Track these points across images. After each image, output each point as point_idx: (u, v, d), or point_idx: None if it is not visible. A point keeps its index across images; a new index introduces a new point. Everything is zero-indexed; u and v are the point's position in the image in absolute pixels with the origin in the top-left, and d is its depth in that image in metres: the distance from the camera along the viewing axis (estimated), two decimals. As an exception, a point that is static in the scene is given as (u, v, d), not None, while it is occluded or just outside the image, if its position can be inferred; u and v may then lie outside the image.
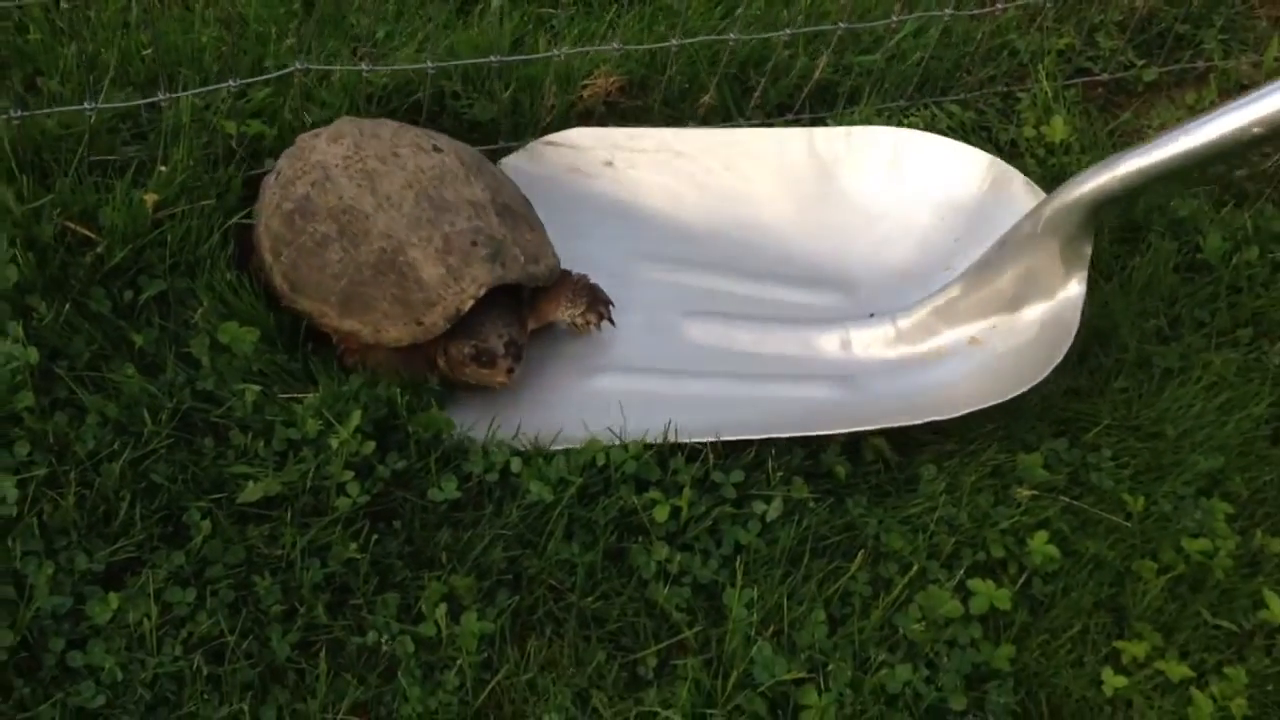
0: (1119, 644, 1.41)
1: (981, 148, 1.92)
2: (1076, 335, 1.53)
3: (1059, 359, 1.50)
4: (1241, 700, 1.36)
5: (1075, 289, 1.55)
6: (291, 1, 1.88)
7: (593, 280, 1.59)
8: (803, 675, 1.32)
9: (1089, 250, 1.54)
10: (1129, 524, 1.50)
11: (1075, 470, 1.54)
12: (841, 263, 1.69)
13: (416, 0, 1.94)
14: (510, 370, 1.47)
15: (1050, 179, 1.89)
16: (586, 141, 1.75)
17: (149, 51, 1.72)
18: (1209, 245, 1.81)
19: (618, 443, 1.44)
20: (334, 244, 1.48)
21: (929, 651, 1.35)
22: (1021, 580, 1.43)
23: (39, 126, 1.59)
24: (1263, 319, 1.75)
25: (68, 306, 1.47)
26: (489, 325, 1.47)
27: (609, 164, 1.74)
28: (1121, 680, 1.37)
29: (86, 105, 1.56)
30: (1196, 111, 2.07)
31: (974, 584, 1.41)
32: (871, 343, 1.61)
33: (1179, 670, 1.38)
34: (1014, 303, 1.58)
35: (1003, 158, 1.92)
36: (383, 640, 1.31)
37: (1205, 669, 1.40)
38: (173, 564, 1.33)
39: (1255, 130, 1.32)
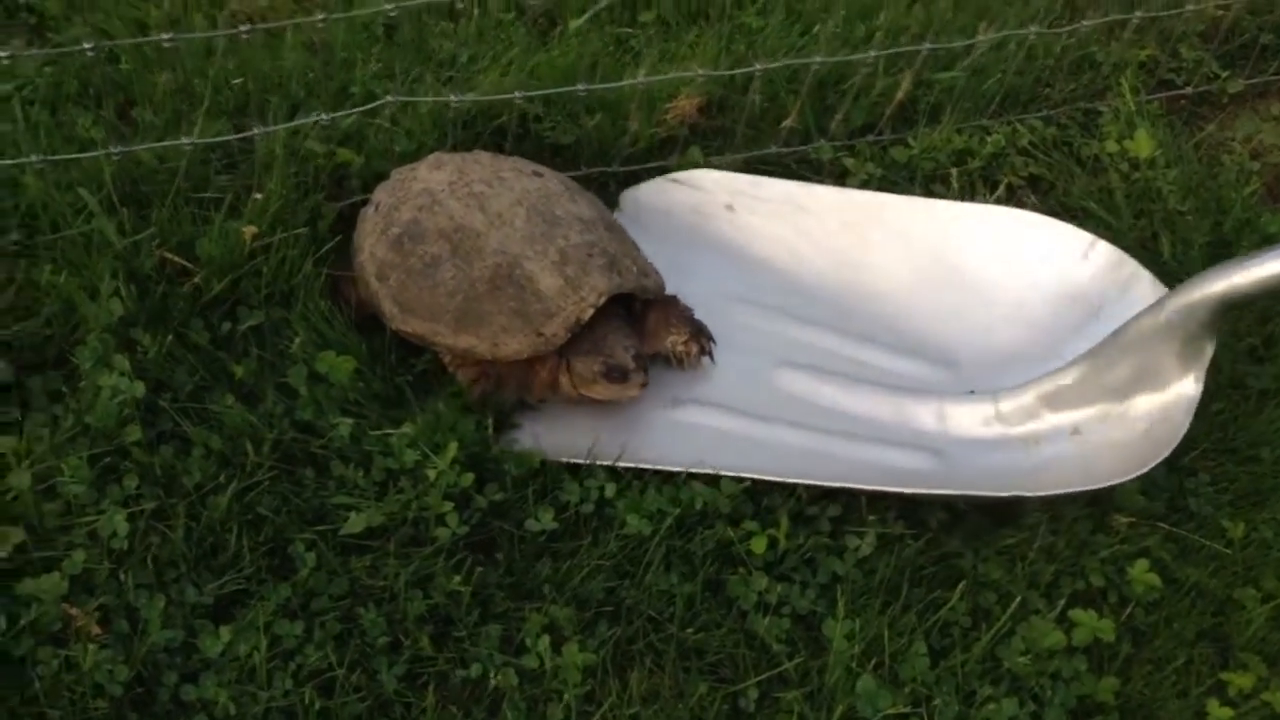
0: (1224, 675, 1.40)
1: (1064, 163, 1.94)
2: (1184, 438, 1.50)
3: (1163, 456, 1.48)
4: (1350, 733, 1.36)
5: (1191, 388, 1.52)
6: (374, 27, 1.90)
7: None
8: (907, 710, 1.32)
9: (1210, 350, 1.51)
10: (1229, 551, 1.50)
11: (1173, 496, 1.54)
12: (948, 339, 1.68)
13: (494, 22, 1.96)
14: (643, 385, 1.48)
15: (1136, 195, 1.89)
16: (709, 183, 1.77)
17: (239, 80, 1.75)
18: (1301, 262, 1.79)
19: (709, 476, 1.45)
20: (446, 263, 1.49)
21: (1034, 685, 1.36)
22: (1123, 610, 1.43)
23: (135, 159, 1.62)
24: (1359, 337, 1.73)
25: (169, 338, 1.50)
26: (612, 341, 1.49)
27: (729, 208, 1.76)
28: (1228, 712, 1.37)
29: (185, 140, 1.59)
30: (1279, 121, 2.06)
31: (1076, 614, 1.41)
32: (968, 419, 1.59)
33: (1285, 701, 1.38)
34: (1124, 396, 1.55)
35: (1085, 173, 1.93)
36: (489, 672, 1.33)
37: (1311, 700, 1.40)
38: (280, 596, 1.35)
39: None
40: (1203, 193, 1.90)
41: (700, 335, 1.58)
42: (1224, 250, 1.83)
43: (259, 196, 1.63)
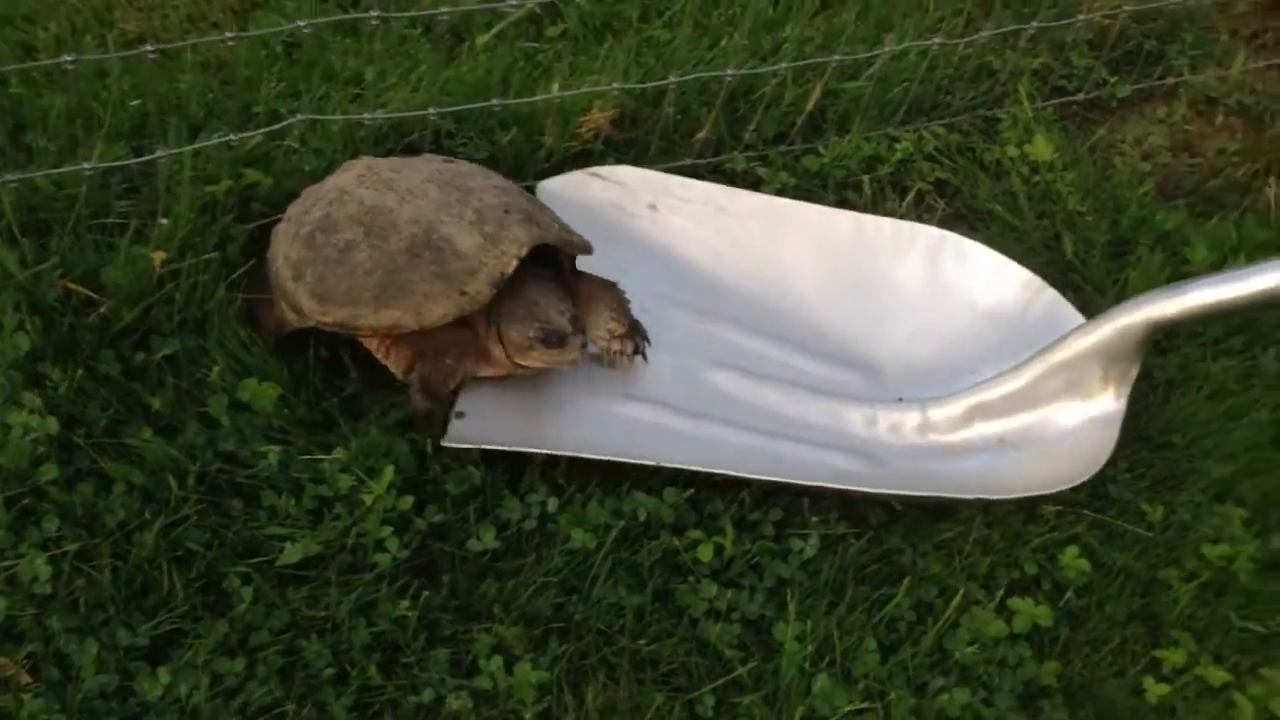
0: (1157, 653, 1.45)
1: (968, 168, 1.99)
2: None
3: (1094, 472, 1.53)
4: (1280, 701, 1.42)
5: (1115, 405, 1.57)
6: (273, 45, 1.87)
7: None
8: (863, 706, 1.34)
9: (1136, 370, 1.57)
10: (1151, 534, 1.55)
11: (1094, 484, 1.59)
12: (870, 347, 1.70)
13: (398, 38, 1.94)
14: (583, 346, 1.46)
15: (1038, 197, 1.96)
16: (633, 181, 1.77)
17: (137, 102, 1.70)
18: (1196, 256, 1.87)
19: (651, 485, 1.45)
20: (360, 245, 1.46)
21: (982, 673, 1.39)
22: (1059, 596, 1.47)
23: (32, 185, 1.56)
24: (1252, 326, 1.81)
25: (80, 372, 1.44)
26: (545, 305, 1.46)
27: (653, 207, 1.76)
28: (1164, 688, 1.42)
29: (85, 165, 1.54)
30: (1166, 125, 2.15)
31: (1014, 603, 1.44)
32: (899, 425, 1.62)
33: (1218, 675, 1.43)
34: (1051, 410, 1.60)
35: (989, 177, 1.99)
36: (442, 697, 1.30)
37: (1241, 671, 1.45)
38: (218, 633, 1.31)
39: None
40: (1099, 193, 1.97)
41: (635, 333, 1.57)
42: (1123, 248, 1.90)
43: (165, 221, 1.58)
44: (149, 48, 1.54)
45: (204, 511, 1.39)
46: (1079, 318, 1.68)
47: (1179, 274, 1.85)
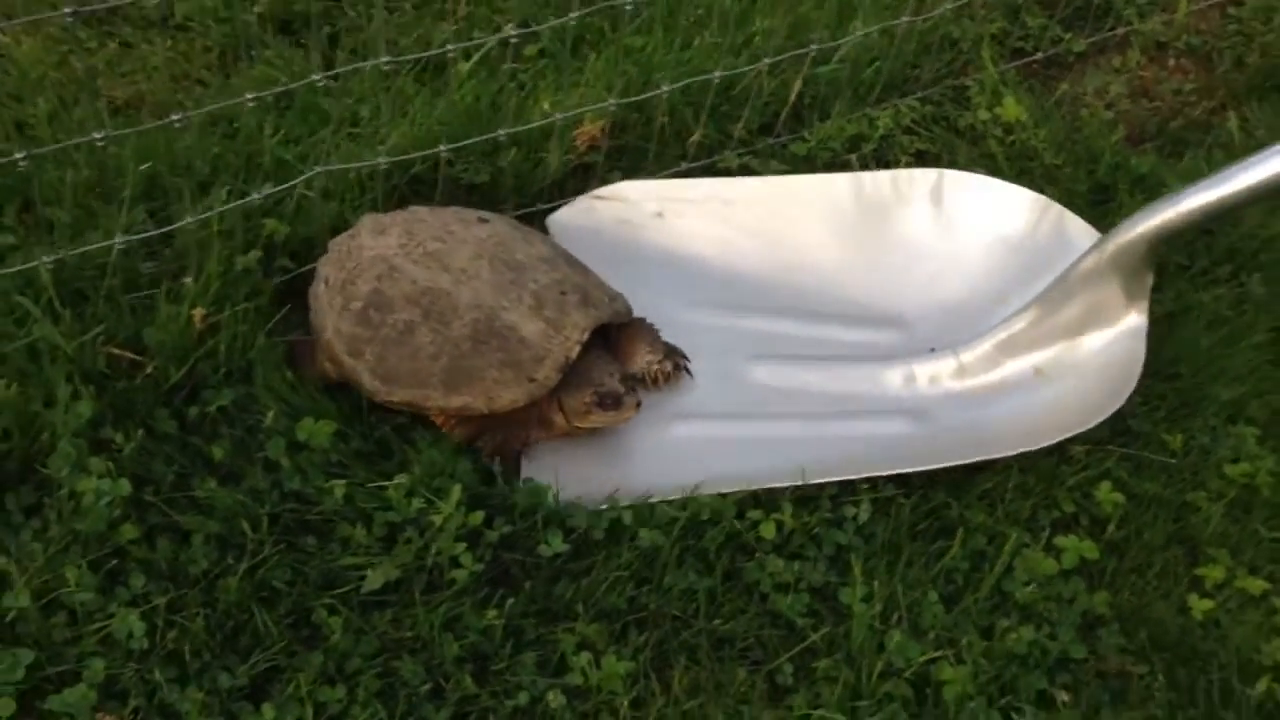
0: (1197, 571, 1.54)
1: (945, 136, 2.08)
2: (1145, 364, 1.65)
3: (1131, 388, 1.62)
4: (1317, 602, 1.52)
5: (1137, 319, 1.67)
6: (266, 96, 1.91)
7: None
8: (936, 654, 1.42)
9: (1150, 281, 1.66)
10: (1175, 461, 1.64)
11: (1114, 420, 1.68)
12: (895, 301, 1.78)
13: (378, 74, 2.00)
14: (638, 405, 1.54)
15: (1015, 156, 2.05)
16: (634, 194, 1.83)
17: (146, 165, 1.75)
18: (1173, 195, 1.97)
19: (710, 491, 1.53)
20: (421, 327, 1.52)
21: (1042, 610, 1.47)
22: (1099, 530, 1.56)
23: (61, 260, 1.60)
24: (1237, 254, 1.92)
25: (140, 432, 1.49)
26: (597, 371, 1.54)
27: (658, 215, 1.82)
28: (1208, 604, 1.51)
29: (118, 239, 1.58)
30: (1123, 74, 2.26)
31: (1060, 541, 1.53)
32: (936, 376, 1.70)
33: (1257, 584, 1.53)
34: (1077, 334, 1.69)
35: (965, 142, 2.08)
36: (538, 696, 1.37)
37: (1278, 579, 1.55)
38: (314, 665, 1.36)
39: None
40: (1073, 146, 2.07)
41: (674, 354, 1.65)
42: (1104, 195, 2.00)
43: (188, 281, 1.63)
44: (177, 116, 1.57)
45: (281, 552, 1.44)
46: (1087, 228, 1.78)
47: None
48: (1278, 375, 1.76)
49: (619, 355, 1.63)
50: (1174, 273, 1.89)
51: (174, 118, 1.55)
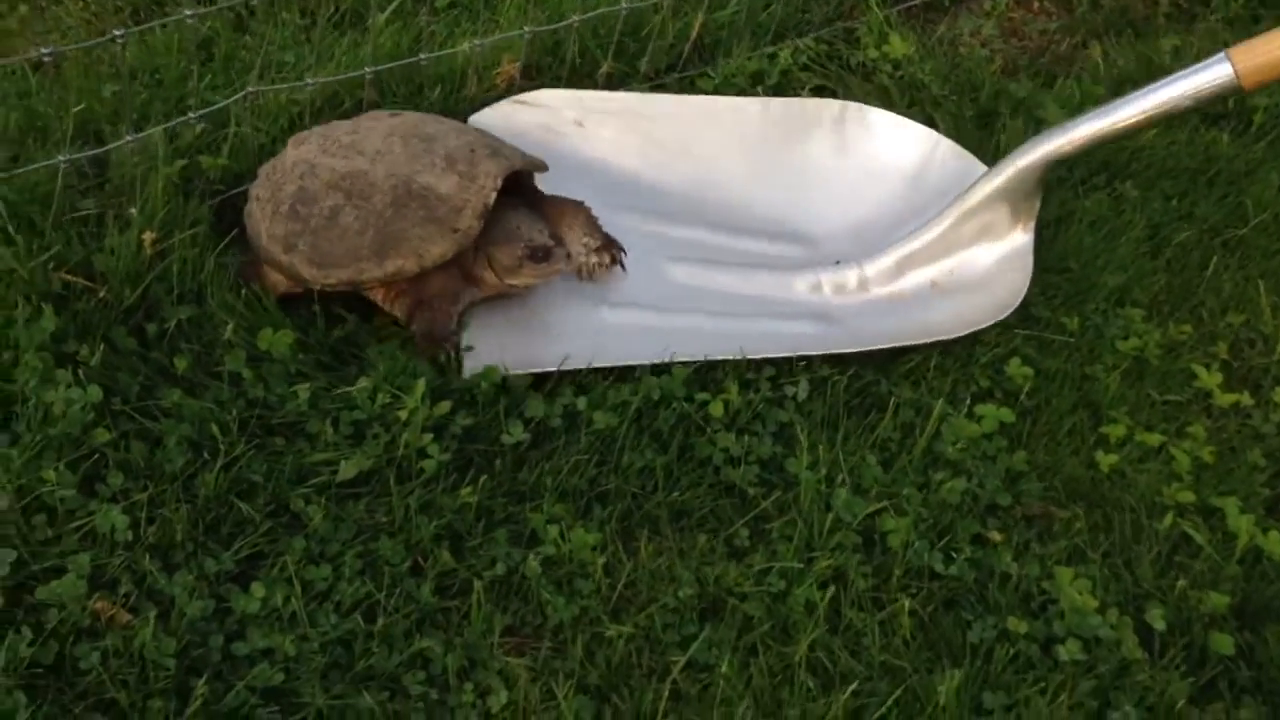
0: (1102, 430, 1.72)
1: (840, 73, 2.26)
2: (1038, 260, 1.85)
3: (1019, 300, 1.81)
4: (1208, 449, 1.71)
5: (1024, 238, 1.87)
6: (189, 46, 1.99)
7: None
8: (879, 506, 1.56)
9: (1038, 204, 1.86)
10: (1073, 340, 1.83)
11: (1019, 309, 1.86)
12: (802, 219, 1.95)
13: (294, 28, 2.09)
14: (568, 257, 1.66)
15: (904, 89, 2.24)
16: (557, 102, 1.95)
17: (80, 107, 1.81)
18: (1050, 116, 2.18)
19: (658, 367, 1.66)
20: (345, 208, 1.62)
21: (970, 466, 1.63)
22: (1013, 401, 1.73)
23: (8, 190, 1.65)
24: (1110, 164, 2.13)
25: (102, 347, 1.55)
26: (524, 228, 1.66)
27: (579, 124, 1.95)
28: (1112, 457, 1.69)
29: (62, 158, 1.64)
30: (993, 16, 2.47)
31: (979, 409, 1.69)
32: (842, 285, 1.86)
33: (1153, 438, 1.71)
34: (971, 251, 1.87)
35: (857, 79, 2.27)
36: (514, 565, 1.47)
37: (1169, 434, 1.74)
38: (297, 548, 1.44)
39: (1186, 103, 1.71)
40: (955, 78, 2.27)
41: (611, 245, 1.77)
42: (988, 119, 2.20)
43: (133, 211, 1.70)
44: (116, 33, 1.64)
45: (253, 451, 1.51)
46: (975, 161, 1.97)
47: (1040, 131, 2.15)
48: (1155, 265, 1.97)
49: (555, 230, 1.72)
50: (1056, 185, 2.09)
51: (114, 34, 1.62)
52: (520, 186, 1.74)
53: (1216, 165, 2.16)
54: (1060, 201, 2.05)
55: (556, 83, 2.07)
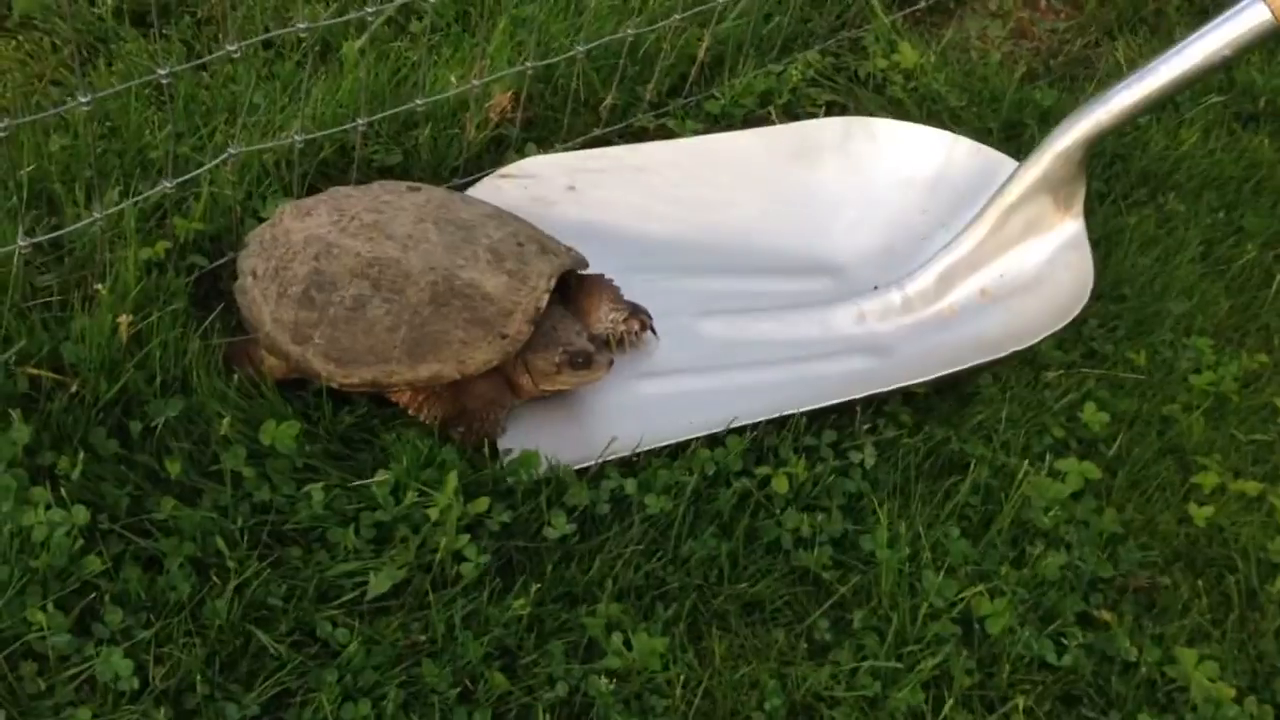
0: (1193, 479, 1.60)
1: (850, 86, 2.12)
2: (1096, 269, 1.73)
3: (1086, 298, 1.69)
4: (1307, 497, 1.60)
5: (1074, 225, 1.74)
6: (145, 94, 1.79)
7: None
8: (973, 590, 1.42)
9: (1083, 188, 1.73)
10: (1145, 376, 1.71)
11: (1077, 343, 1.73)
12: (824, 248, 1.81)
13: (260, 62, 1.90)
14: (611, 363, 1.50)
15: (916, 101, 2.10)
16: (544, 170, 1.78)
17: (30, 169, 1.61)
18: (1082, 126, 2.06)
19: (708, 439, 1.51)
20: (373, 300, 1.45)
21: (1063, 534, 1.49)
22: (1092, 452, 1.60)
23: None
24: (1150, 176, 2.01)
25: (81, 455, 1.36)
26: (562, 330, 1.50)
27: (571, 188, 1.78)
28: (1208, 510, 1.57)
29: (22, 243, 1.44)
30: (1000, 16, 2.35)
31: (1061, 464, 1.56)
32: (885, 312, 1.73)
33: (1250, 486, 1.59)
34: (1018, 250, 1.75)
35: (869, 93, 2.13)
36: (576, 685, 1.31)
37: (1264, 478, 1.62)
38: (329, 683, 1.27)
39: (1225, 53, 1.59)
40: (972, 86, 2.14)
41: (639, 312, 1.61)
42: (1014, 130, 2.07)
43: (101, 288, 1.51)
44: (77, 101, 1.44)
45: (264, 568, 1.34)
46: (1002, 157, 1.84)
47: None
48: (1216, 287, 1.85)
49: (580, 315, 1.58)
50: (1096, 201, 1.96)
51: (76, 102, 1.41)
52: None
53: (1260, 172, 2.05)
54: (1104, 219, 1.93)
55: (552, 113, 1.91)
